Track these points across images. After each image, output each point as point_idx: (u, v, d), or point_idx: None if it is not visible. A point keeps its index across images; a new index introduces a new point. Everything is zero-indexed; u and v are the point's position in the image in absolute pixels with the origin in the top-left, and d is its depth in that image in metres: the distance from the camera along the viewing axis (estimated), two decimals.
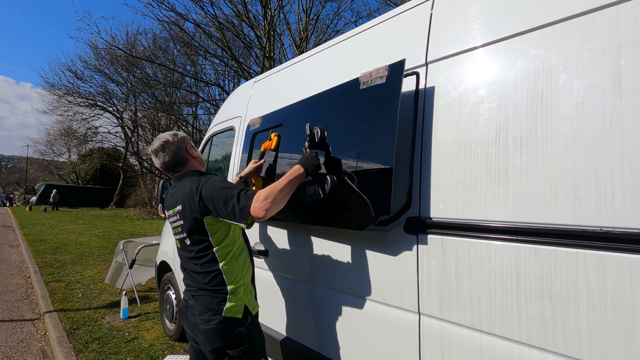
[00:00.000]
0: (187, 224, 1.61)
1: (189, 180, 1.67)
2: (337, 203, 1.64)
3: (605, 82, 0.99)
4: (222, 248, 1.61)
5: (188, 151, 1.77)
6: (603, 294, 0.96)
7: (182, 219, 1.63)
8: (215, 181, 1.59)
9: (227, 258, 1.61)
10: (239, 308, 1.59)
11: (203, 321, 1.58)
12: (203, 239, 1.60)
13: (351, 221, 1.58)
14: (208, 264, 1.60)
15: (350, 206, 1.58)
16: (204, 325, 1.58)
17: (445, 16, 1.45)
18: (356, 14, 15.83)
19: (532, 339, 1.08)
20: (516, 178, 1.14)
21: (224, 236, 1.62)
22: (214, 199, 1.53)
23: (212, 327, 1.56)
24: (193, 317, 1.63)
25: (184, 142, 1.77)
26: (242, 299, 1.61)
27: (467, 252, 1.25)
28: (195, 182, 1.62)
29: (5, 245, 10.12)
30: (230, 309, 1.57)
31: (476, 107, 1.27)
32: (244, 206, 1.46)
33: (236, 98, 3.06)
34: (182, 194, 1.64)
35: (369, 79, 1.57)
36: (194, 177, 1.67)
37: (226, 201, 1.50)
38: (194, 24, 13.53)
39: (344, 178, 1.62)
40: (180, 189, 1.67)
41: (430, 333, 1.35)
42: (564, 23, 1.08)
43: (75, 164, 36.72)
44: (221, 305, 1.57)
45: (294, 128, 2.09)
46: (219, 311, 1.57)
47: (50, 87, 25.19)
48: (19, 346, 3.60)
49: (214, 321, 1.56)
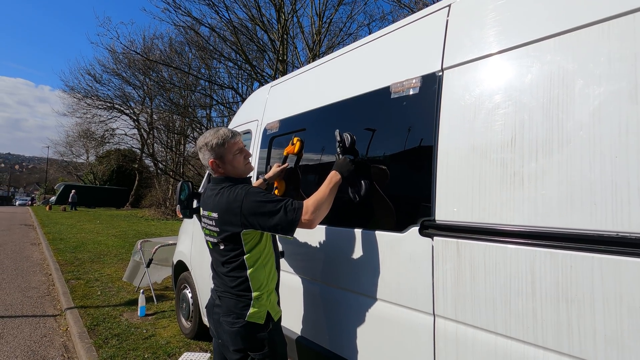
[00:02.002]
0: (223, 233, 1.62)
1: (226, 188, 1.64)
2: (375, 205, 1.71)
3: (621, 89, 1.01)
4: (252, 255, 1.63)
5: (225, 157, 1.72)
6: (619, 299, 0.97)
7: (217, 226, 1.64)
8: (254, 194, 1.57)
9: (255, 265, 1.64)
10: (262, 314, 1.63)
11: (227, 323, 1.64)
12: (236, 247, 1.62)
13: (388, 223, 1.64)
14: (237, 270, 1.64)
15: (388, 208, 1.64)
16: (228, 327, 1.63)
17: (461, 23, 1.47)
18: (369, 17, 15.75)
19: (547, 342, 1.10)
20: (532, 183, 1.16)
21: (256, 243, 1.64)
22: (258, 215, 1.54)
23: (236, 329, 1.61)
24: (218, 316, 1.69)
25: (223, 150, 1.72)
26: (265, 305, 1.64)
27: (482, 255, 1.27)
28: (232, 192, 1.60)
29: (27, 243, 10.47)
30: (253, 315, 1.61)
31: (492, 112, 1.29)
32: (293, 219, 1.53)
33: (253, 102, 3.13)
34: (218, 202, 1.63)
35: (401, 88, 1.61)
36: (231, 186, 1.65)
37: (271, 215, 1.53)
38: (209, 28, 13.76)
39: (374, 182, 1.68)
40: (218, 195, 1.65)
41: (445, 335, 1.37)
42: (581, 30, 1.10)
43: (93, 164, 37.70)
44: (245, 310, 1.61)
45: (317, 133, 2.14)
46: (242, 315, 1.61)
47: (70, 90, 26.01)
48: (42, 341, 3.74)
49: (237, 325, 1.61)
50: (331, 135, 1.87)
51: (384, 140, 1.72)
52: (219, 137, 1.68)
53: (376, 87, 1.77)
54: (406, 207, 1.58)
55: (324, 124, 2.09)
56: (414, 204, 1.54)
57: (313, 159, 2.15)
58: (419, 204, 1.50)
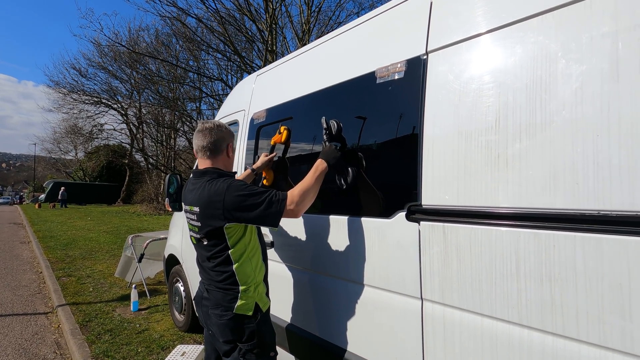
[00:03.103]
0: (205, 227, 1.60)
1: (207, 181, 1.61)
2: (361, 192, 1.70)
3: (603, 67, 1.00)
4: (237, 250, 1.61)
5: (228, 148, 1.74)
6: (600, 276, 0.98)
7: (200, 221, 1.61)
8: (237, 188, 1.55)
9: (241, 260, 1.62)
10: (250, 306, 1.63)
11: (216, 315, 1.64)
12: (219, 242, 1.61)
13: (375, 209, 1.63)
14: (222, 265, 1.62)
15: (375, 194, 1.64)
16: (217, 319, 1.64)
17: (444, 5, 1.45)
18: (358, 4, 15.63)
19: (531, 321, 1.11)
20: (516, 164, 1.16)
21: (240, 237, 1.62)
22: (241, 208, 1.52)
23: (224, 322, 1.62)
24: (207, 308, 1.69)
25: (231, 139, 1.77)
26: (252, 297, 1.65)
27: (468, 238, 1.27)
28: (214, 186, 1.57)
29: (16, 242, 10.32)
30: (241, 307, 1.62)
31: (476, 95, 1.28)
32: (278, 210, 1.52)
33: (239, 92, 3.08)
34: (199, 196, 1.60)
35: (386, 73, 1.59)
36: (213, 179, 1.61)
37: (255, 208, 1.51)
38: (196, 18, 13.50)
39: (361, 169, 1.67)
40: (199, 189, 1.62)
41: (433, 318, 1.39)
42: (563, 9, 1.09)
43: (82, 161, 37.13)
44: (232, 303, 1.61)
45: (304, 121, 2.12)
46: (230, 308, 1.61)
47: (55, 85, 25.45)
48: (33, 338, 3.71)
49: (226, 317, 1.62)
50: (318, 123, 1.85)
51: (370, 126, 1.71)
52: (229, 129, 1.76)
53: (362, 73, 1.75)
54: (393, 193, 1.58)
55: (310, 112, 2.07)
56: (401, 190, 1.53)
57: (301, 148, 2.13)
58: (405, 189, 1.50)
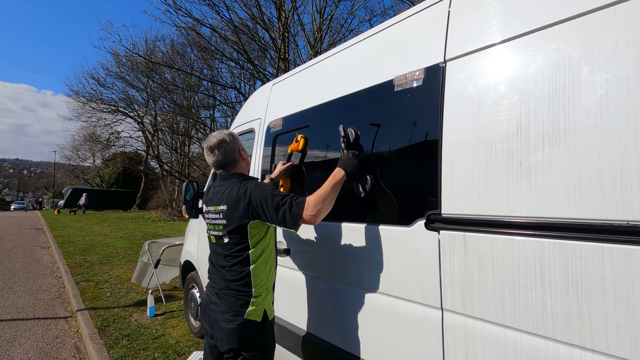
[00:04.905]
0: (230, 224, 1.67)
1: (236, 182, 1.72)
2: (379, 200, 1.71)
3: (629, 74, 0.98)
4: (256, 250, 1.67)
5: (240, 153, 1.84)
6: (631, 288, 0.95)
7: (225, 218, 1.69)
8: (264, 187, 1.66)
9: (258, 261, 1.68)
10: (259, 312, 1.66)
11: (225, 320, 1.65)
12: (242, 241, 1.66)
13: (394, 217, 1.63)
14: (239, 264, 1.67)
15: (393, 203, 1.64)
16: (225, 324, 1.64)
17: (463, 13, 1.45)
18: (370, 12, 15.77)
19: (558, 334, 1.08)
20: (539, 173, 1.14)
21: (261, 237, 1.69)
22: (265, 205, 1.60)
23: (233, 327, 1.63)
24: (215, 314, 1.70)
25: (238, 144, 1.84)
26: (262, 302, 1.68)
27: (489, 247, 1.25)
28: (242, 186, 1.68)
29: (37, 247, 10.61)
30: (252, 312, 1.64)
31: (496, 103, 1.27)
32: (296, 214, 1.57)
33: (255, 100, 3.12)
34: (228, 195, 1.70)
35: (404, 81, 1.60)
36: (241, 180, 1.73)
37: (277, 208, 1.58)
38: (210, 28, 13.78)
39: (379, 177, 1.67)
40: (227, 189, 1.72)
41: (454, 328, 1.36)
42: (586, 16, 1.08)
43: (100, 168, 38.02)
44: (244, 308, 1.64)
45: (321, 129, 2.13)
46: (241, 313, 1.64)
47: (75, 95, 26.23)
48: (54, 342, 3.79)
49: (235, 322, 1.63)
50: (335, 131, 1.86)
51: (388, 134, 1.71)
52: (232, 134, 1.83)
53: (379, 81, 1.76)
54: (412, 202, 1.57)
55: (327, 120, 2.08)
56: (420, 198, 1.53)
57: (318, 156, 2.15)
58: (424, 197, 1.49)
